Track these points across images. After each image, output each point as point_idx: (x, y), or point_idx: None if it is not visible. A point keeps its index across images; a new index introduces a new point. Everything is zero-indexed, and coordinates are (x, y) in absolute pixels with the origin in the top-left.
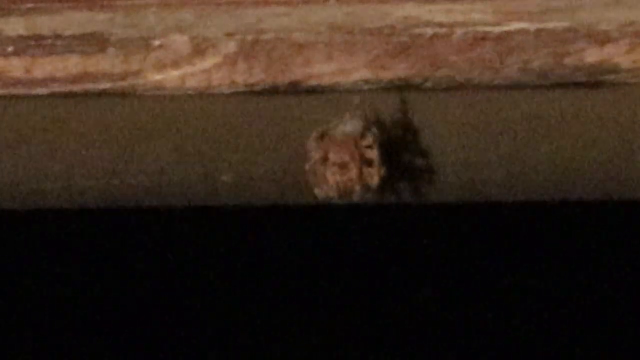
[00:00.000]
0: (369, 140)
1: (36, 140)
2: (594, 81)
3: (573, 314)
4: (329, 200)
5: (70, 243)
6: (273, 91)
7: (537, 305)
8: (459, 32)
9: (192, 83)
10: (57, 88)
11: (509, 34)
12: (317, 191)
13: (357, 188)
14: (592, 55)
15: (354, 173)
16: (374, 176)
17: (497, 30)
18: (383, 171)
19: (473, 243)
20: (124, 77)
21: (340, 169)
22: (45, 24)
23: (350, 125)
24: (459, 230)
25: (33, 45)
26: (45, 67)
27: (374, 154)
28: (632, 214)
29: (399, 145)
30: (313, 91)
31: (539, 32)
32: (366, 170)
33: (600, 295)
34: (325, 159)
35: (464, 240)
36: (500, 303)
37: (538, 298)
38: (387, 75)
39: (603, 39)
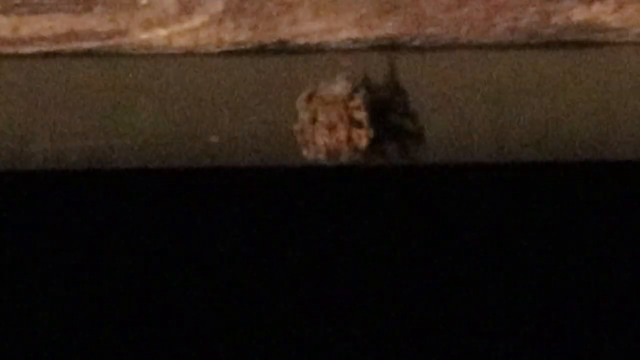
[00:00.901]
0: (358, 101)
1: (22, 99)
2: (581, 40)
3: (562, 277)
4: (317, 161)
5: (55, 204)
6: (260, 50)
7: (525, 268)
8: None
9: (179, 42)
10: (43, 47)
11: None
12: (305, 152)
13: (346, 149)
14: (580, 14)
15: (342, 134)
16: (363, 138)
17: None
18: (372, 132)
19: (462, 204)
20: (110, 35)
21: (328, 130)
22: None
23: (338, 86)
24: (448, 191)
25: (19, 3)
26: (32, 25)
27: (362, 116)
28: (618, 173)
29: (387, 105)
30: (300, 50)
31: None
32: (355, 131)
33: (589, 257)
34: (313, 120)
35: (453, 200)
36: (488, 265)
37: (525, 260)
38: (374, 34)
39: None
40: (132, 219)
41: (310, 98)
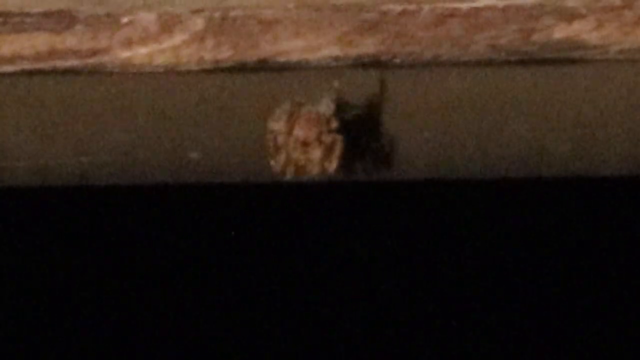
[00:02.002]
0: (335, 124)
1: (3, 118)
2: (562, 57)
3: (547, 290)
4: (282, 176)
5: (37, 222)
6: (241, 68)
7: (506, 282)
8: (427, 8)
9: (159, 60)
10: (24, 65)
11: (476, 10)
12: (272, 163)
13: (315, 169)
14: (560, 32)
15: (315, 154)
16: (333, 161)
17: (465, 6)
18: (344, 148)
19: (443, 221)
20: (91, 54)
21: (302, 147)
22: (12, 1)
23: (323, 106)
24: (427, 208)
25: (0, 22)
26: (13, 44)
27: (338, 139)
28: (599, 188)
29: (366, 122)
30: (281, 68)
31: (507, 8)
32: (327, 154)
33: (574, 272)
34: (289, 133)
35: (433, 217)
36: (466, 282)
37: (505, 277)
38: (355, 52)
39: (571, 15)
40: (115, 235)
41: (291, 110)
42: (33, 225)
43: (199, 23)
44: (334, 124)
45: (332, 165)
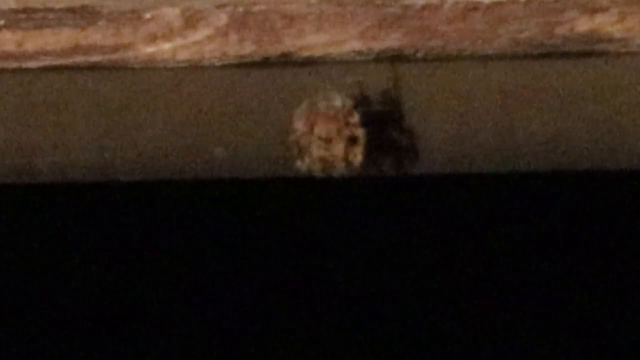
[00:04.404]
0: (356, 117)
1: (28, 113)
2: (585, 51)
3: (563, 285)
4: (310, 174)
5: (61, 217)
6: (264, 63)
7: (525, 276)
8: (450, 2)
9: (183, 55)
10: (48, 61)
11: (499, 3)
12: (298, 163)
13: (341, 164)
14: (583, 25)
15: (338, 149)
16: (358, 155)
17: (488, 0)
18: (367, 144)
19: (464, 213)
20: (115, 49)
21: (325, 143)
22: None
23: (338, 101)
24: (450, 200)
25: (24, 18)
26: (37, 40)
27: (360, 133)
28: (622, 182)
29: (390, 116)
30: (304, 63)
31: (529, 1)
32: (351, 147)
33: (591, 265)
34: (310, 132)
35: (456, 210)
36: (487, 275)
37: (526, 270)
38: (378, 46)
39: (593, 9)
40: (139, 230)
41: (309, 109)
42: (57, 221)
43: (222, 18)
44: (354, 118)
45: (357, 159)
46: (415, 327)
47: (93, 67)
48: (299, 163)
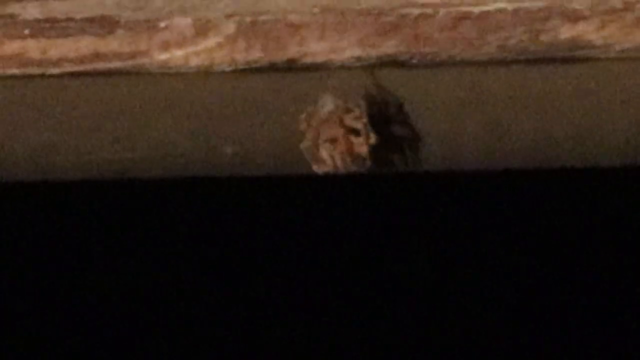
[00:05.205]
0: (355, 112)
1: (51, 116)
2: (568, 56)
3: (555, 281)
4: (328, 173)
5: (83, 212)
6: (270, 68)
7: (517, 272)
8: (442, 11)
9: (195, 61)
10: (70, 67)
11: (488, 13)
12: (315, 167)
13: (348, 158)
14: (566, 32)
15: (343, 145)
16: (363, 145)
17: (477, 9)
18: (372, 139)
19: (456, 208)
20: (132, 56)
21: (331, 144)
22: (58, 7)
23: (329, 104)
24: (443, 196)
25: (47, 27)
26: (59, 48)
27: (360, 124)
28: (603, 179)
29: (388, 118)
30: (307, 68)
31: (516, 11)
32: (355, 140)
33: (582, 263)
34: (316, 137)
35: (448, 205)
36: (480, 268)
37: (517, 265)
38: (375, 53)
39: (576, 17)
40: (154, 224)
41: (311, 117)
42: (75, 214)
43: (231, 27)
44: (352, 114)
45: (364, 149)
46: (412, 322)
47: (111, 73)
48: (315, 167)
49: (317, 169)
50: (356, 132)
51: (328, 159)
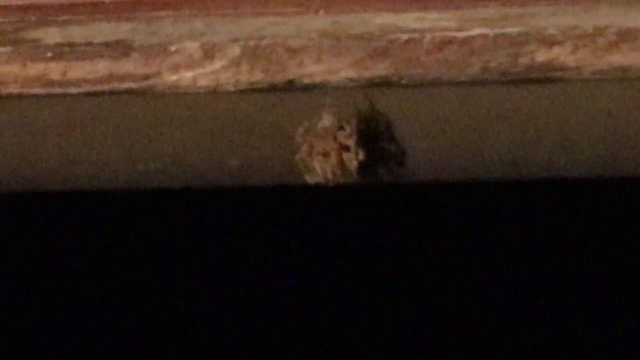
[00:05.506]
0: (347, 130)
1: (71, 132)
2: (544, 78)
3: (526, 289)
4: (314, 184)
5: (101, 219)
6: (271, 89)
7: (490, 281)
8: (429, 37)
9: (202, 82)
10: (88, 88)
11: (471, 38)
12: (307, 178)
13: (339, 172)
14: (542, 56)
15: (334, 159)
16: (353, 160)
17: (461, 35)
18: (361, 155)
19: (439, 217)
20: (145, 77)
21: (323, 157)
22: (78, 33)
23: (326, 121)
24: (430, 207)
25: (68, 51)
26: (78, 69)
27: (351, 141)
28: (574, 190)
29: (378, 134)
30: (305, 88)
31: (496, 36)
32: (345, 155)
33: (553, 271)
34: (311, 150)
35: (432, 214)
36: (461, 270)
37: (496, 265)
38: (368, 74)
39: (551, 42)
40: (166, 231)
41: (306, 132)
42: (97, 222)
43: (235, 51)
44: (344, 131)
45: (353, 164)
46: (406, 328)
47: (126, 93)
48: (307, 177)
49: (310, 179)
50: (347, 148)
51: (320, 171)
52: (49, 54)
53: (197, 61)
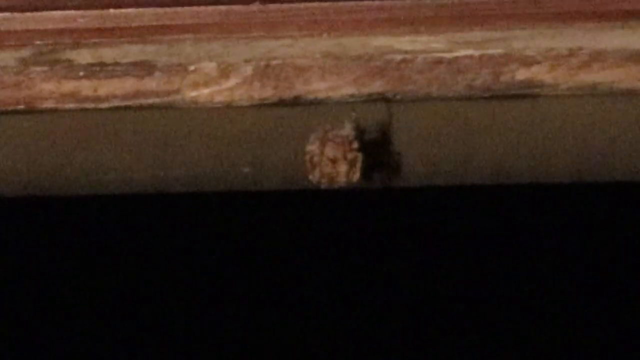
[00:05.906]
0: (357, 144)
1: (101, 142)
2: (523, 94)
3: (510, 285)
4: (318, 185)
5: (126, 221)
6: (280, 104)
7: (475, 278)
8: (420, 57)
9: (218, 98)
10: (116, 103)
11: (458, 58)
12: (310, 176)
13: (343, 180)
14: (522, 74)
15: (342, 168)
16: (356, 174)
17: (449, 55)
18: (364, 162)
19: (431, 218)
20: (167, 94)
21: (332, 163)
22: (107, 54)
23: (345, 130)
24: (423, 209)
25: (98, 70)
26: (107, 86)
27: (358, 157)
28: (551, 196)
29: (377, 143)
30: (311, 103)
31: (481, 57)
32: (351, 168)
33: (535, 267)
34: (321, 153)
35: (424, 215)
36: (450, 267)
37: (479, 270)
38: (366, 91)
39: (530, 62)
40: (186, 232)
41: (323, 135)
42: (124, 223)
43: (248, 70)
44: (355, 145)
45: (356, 176)
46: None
47: (150, 108)
48: (310, 176)
49: (312, 178)
50: (354, 162)
51: (326, 173)
52: (82, 73)
53: (213, 79)
